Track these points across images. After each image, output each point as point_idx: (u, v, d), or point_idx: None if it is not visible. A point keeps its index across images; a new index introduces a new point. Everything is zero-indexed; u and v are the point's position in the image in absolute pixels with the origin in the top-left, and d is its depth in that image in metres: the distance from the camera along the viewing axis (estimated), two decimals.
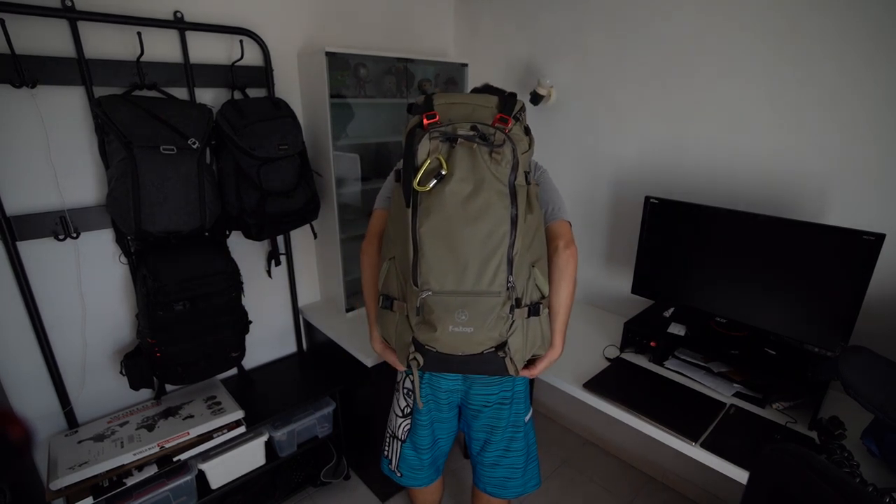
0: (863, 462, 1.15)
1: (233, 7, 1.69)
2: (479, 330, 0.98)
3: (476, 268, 0.95)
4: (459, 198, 0.94)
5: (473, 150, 0.94)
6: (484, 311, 0.97)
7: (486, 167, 0.94)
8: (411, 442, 1.39)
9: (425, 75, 2.18)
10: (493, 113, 1.01)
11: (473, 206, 0.93)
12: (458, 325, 0.98)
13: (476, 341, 1.00)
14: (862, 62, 1.33)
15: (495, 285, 0.96)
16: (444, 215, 0.94)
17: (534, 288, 1.06)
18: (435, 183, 0.94)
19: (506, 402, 1.31)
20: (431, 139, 0.95)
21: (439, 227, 0.94)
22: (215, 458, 1.63)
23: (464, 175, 0.94)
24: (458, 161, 0.94)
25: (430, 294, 0.97)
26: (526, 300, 1.04)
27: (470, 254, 0.94)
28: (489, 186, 0.93)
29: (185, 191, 1.40)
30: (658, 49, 1.72)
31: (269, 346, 2.10)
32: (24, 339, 1.48)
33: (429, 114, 1.00)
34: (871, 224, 1.36)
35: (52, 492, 1.33)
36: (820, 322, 1.36)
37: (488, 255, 0.94)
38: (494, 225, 0.94)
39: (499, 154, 0.93)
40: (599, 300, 2.14)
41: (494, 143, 0.94)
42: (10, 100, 1.34)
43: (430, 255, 0.96)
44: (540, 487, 1.45)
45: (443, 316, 0.98)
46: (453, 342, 1.00)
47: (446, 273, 0.96)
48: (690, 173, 1.73)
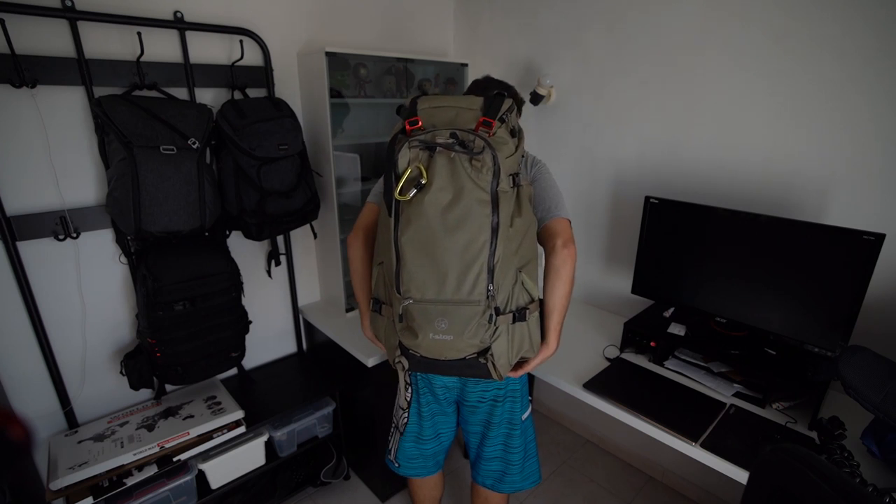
0: (863, 462, 1.15)
1: (233, 7, 1.69)
2: (458, 338, 0.98)
3: (456, 277, 0.94)
4: (439, 207, 0.93)
5: (453, 158, 0.93)
6: (463, 319, 0.97)
7: (466, 175, 0.92)
8: (411, 433, 1.41)
9: (425, 75, 2.18)
10: (477, 116, 0.99)
11: (453, 215, 0.93)
12: (439, 333, 0.98)
13: (456, 348, 1.00)
14: (863, 62, 1.33)
15: (475, 294, 0.95)
16: (424, 224, 0.94)
17: (521, 292, 1.04)
18: (415, 192, 0.93)
19: (499, 400, 1.32)
20: (411, 148, 0.94)
21: (419, 236, 0.94)
22: (215, 458, 1.63)
23: (443, 184, 0.93)
24: (437, 170, 0.93)
25: (412, 302, 0.98)
26: (511, 306, 1.02)
27: (450, 263, 0.94)
28: (469, 195, 0.92)
29: (185, 191, 1.40)
30: (658, 48, 1.72)
31: (269, 346, 2.10)
32: (24, 339, 1.48)
33: (411, 119, 1.00)
34: (871, 224, 1.37)
35: (52, 492, 1.33)
36: (820, 322, 1.36)
37: (468, 264, 0.94)
38: (474, 234, 0.93)
39: (479, 161, 0.92)
40: (599, 300, 2.14)
41: (474, 151, 0.92)
42: (10, 100, 1.34)
43: (411, 264, 0.96)
44: (539, 483, 1.45)
45: (423, 324, 0.99)
46: (434, 348, 1.01)
47: (427, 282, 0.96)
48: (690, 173, 1.73)
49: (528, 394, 1.42)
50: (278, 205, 1.65)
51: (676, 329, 1.62)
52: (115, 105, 1.33)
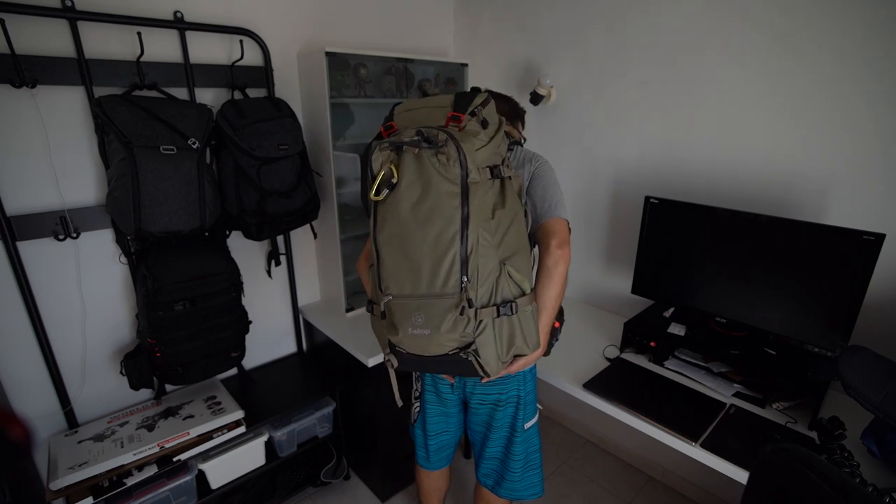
0: (863, 462, 1.15)
1: (233, 7, 1.69)
2: (436, 332, 0.98)
3: (429, 270, 0.95)
4: (409, 203, 0.95)
5: (419, 154, 0.95)
6: (439, 312, 0.97)
7: (433, 170, 0.94)
8: (420, 424, 1.47)
9: (425, 75, 2.18)
10: (447, 112, 1.00)
11: (423, 209, 0.95)
12: (416, 328, 0.99)
13: (436, 343, 0.99)
14: (863, 62, 1.33)
15: (449, 287, 0.95)
16: (397, 221, 0.97)
17: (509, 285, 1.02)
18: (387, 192, 0.97)
19: (501, 405, 1.31)
20: (381, 150, 0.97)
21: (394, 233, 0.97)
22: (215, 458, 1.63)
23: (411, 180, 0.95)
24: (405, 167, 0.96)
25: (391, 298, 1.00)
26: (496, 299, 1.00)
27: (423, 257, 0.95)
28: (437, 188, 0.93)
29: (185, 191, 1.40)
30: (658, 48, 1.72)
31: (269, 346, 2.10)
32: (24, 339, 1.48)
33: (388, 124, 1.04)
34: (871, 224, 1.36)
35: (52, 492, 1.33)
36: (820, 322, 1.36)
37: (440, 256, 0.94)
38: (444, 226, 0.93)
39: (444, 154, 0.93)
40: (599, 300, 2.14)
41: (438, 145, 0.94)
42: (10, 100, 1.34)
43: (388, 260, 0.99)
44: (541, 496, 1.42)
45: (402, 319, 1.00)
46: (415, 344, 1.01)
47: (403, 277, 0.98)
48: (690, 173, 1.74)
49: (535, 402, 1.38)
50: (278, 205, 1.65)
51: (676, 329, 1.62)
52: (115, 105, 1.33)
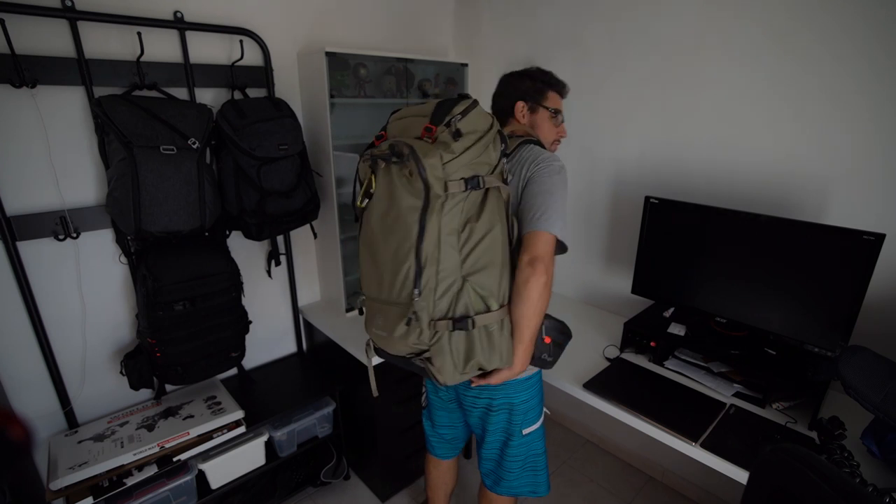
0: (863, 462, 1.15)
1: (233, 7, 1.69)
2: (390, 335, 1.03)
3: (389, 278, 1.00)
4: (378, 213, 1.02)
5: (388, 167, 0.99)
6: (392, 318, 1.02)
7: (398, 184, 0.97)
8: (427, 413, 1.52)
9: (425, 75, 2.18)
10: (424, 123, 1.00)
11: (388, 221, 1.00)
12: (378, 328, 1.07)
13: (392, 345, 1.06)
14: (864, 61, 1.33)
15: (402, 297, 0.99)
16: (370, 229, 1.04)
17: (472, 300, 1.00)
18: (367, 201, 1.05)
19: (493, 410, 1.30)
20: (363, 161, 1.05)
21: (367, 239, 1.05)
22: (215, 458, 1.63)
23: (381, 193, 1.01)
24: (379, 180, 1.02)
25: (364, 298, 1.11)
26: (453, 313, 0.99)
27: (384, 265, 1.01)
28: (399, 202, 0.97)
29: (185, 191, 1.40)
30: (658, 48, 1.72)
31: (269, 346, 2.10)
32: (24, 339, 1.48)
33: (380, 133, 1.10)
34: (871, 224, 1.36)
35: (52, 492, 1.33)
36: (820, 322, 1.36)
37: (397, 266, 0.98)
38: (402, 239, 0.97)
39: (406, 168, 0.95)
40: (599, 300, 2.14)
41: (403, 159, 0.95)
42: (9, 100, 1.34)
43: (364, 263, 1.08)
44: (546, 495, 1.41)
45: (369, 318, 1.10)
46: (378, 341, 1.10)
47: (372, 281, 1.06)
48: (690, 173, 1.74)
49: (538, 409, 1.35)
50: (278, 205, 1.65)
51: (676, 329, 1.62)
52: (115, 105, 1.33)
